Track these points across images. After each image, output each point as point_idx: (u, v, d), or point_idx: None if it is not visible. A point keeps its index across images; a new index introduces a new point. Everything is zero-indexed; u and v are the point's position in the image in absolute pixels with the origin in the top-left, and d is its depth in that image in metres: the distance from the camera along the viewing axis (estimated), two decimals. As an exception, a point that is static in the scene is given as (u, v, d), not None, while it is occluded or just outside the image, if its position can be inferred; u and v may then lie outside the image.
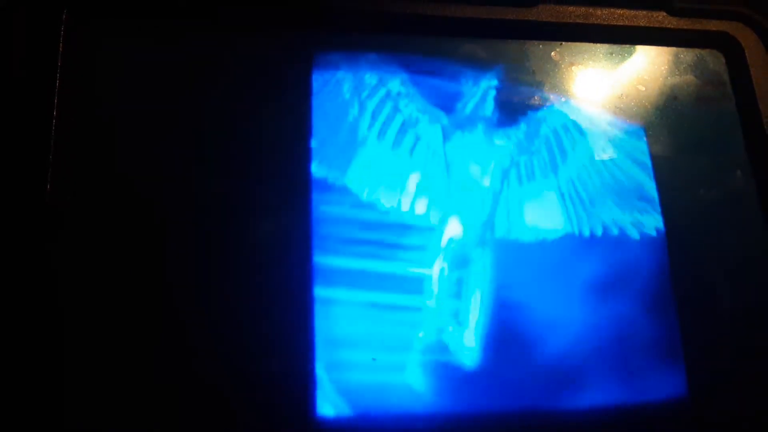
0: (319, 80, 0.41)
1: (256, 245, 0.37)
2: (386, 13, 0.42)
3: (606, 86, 0.45)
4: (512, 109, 0.43)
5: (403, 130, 0.41)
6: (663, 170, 0.43)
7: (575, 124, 0.43)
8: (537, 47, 0.45)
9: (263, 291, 0.37)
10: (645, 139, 0.44)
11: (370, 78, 0.41)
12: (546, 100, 0.43)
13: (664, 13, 0.46)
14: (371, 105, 0.41)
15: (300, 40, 0.42)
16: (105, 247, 0.36)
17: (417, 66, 0.43)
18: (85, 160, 0.37)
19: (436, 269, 0.39)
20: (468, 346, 0.38)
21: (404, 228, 0.39)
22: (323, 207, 0.39)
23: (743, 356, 0.40)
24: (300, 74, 0.41)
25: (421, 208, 0.40)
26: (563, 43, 0.45)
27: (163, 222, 0.37)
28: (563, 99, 0.44)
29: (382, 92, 0.41)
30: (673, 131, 0.45)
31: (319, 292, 0.37)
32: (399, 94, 0.42)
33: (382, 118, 0.41)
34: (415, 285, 0.39)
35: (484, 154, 0.42)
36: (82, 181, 0.37)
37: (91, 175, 0.37)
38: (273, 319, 0.37)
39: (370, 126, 0.41)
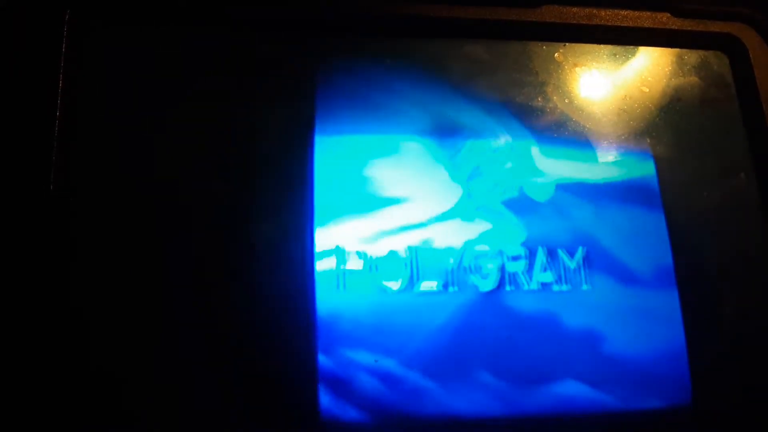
0: (322, 84, 0.41)
1: (259, 246, 0.37)
2: (388, 16, 0.42)
3: (609, 88, 0.45)
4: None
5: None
6: (666, 171, 0.43)
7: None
8: (540, 48, 0.45)
9: (265, 293, 0.37)
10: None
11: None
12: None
13: (668, 15, 0.46)
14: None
15: (304, 43, 0.42)
16: (107, 246, 0.36)
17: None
18: (89, 159, 0.37)
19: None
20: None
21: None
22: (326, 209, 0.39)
23: (748, 361, 0.40)
24: (304, 76, 0.41)
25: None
26: (567, 44, 0.45)
27: (165, 221, 0.37)
28: (566, 100, 0.44)
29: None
30: (677, 133, 0.44)
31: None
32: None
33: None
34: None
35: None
36: (85, 180, 0.37)
37: (95, 174, 0.37)
38: (275, 321, 0.37)
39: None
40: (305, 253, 0.38)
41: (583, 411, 0.38)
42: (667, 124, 0.45)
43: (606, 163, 0.43)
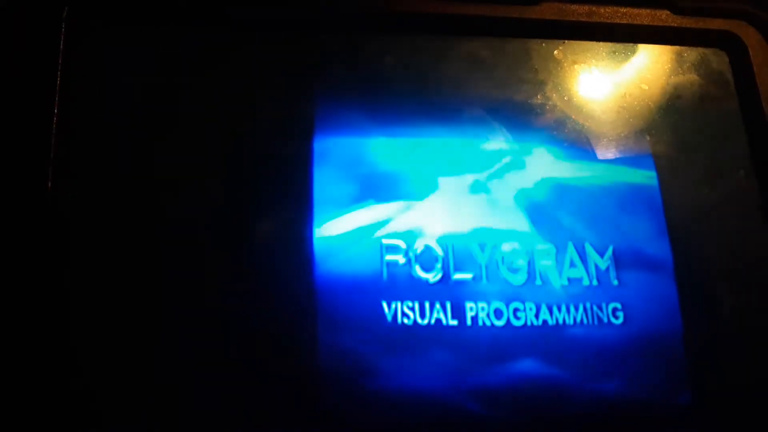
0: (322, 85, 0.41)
1: (259, 246, 0.37)
2: (387, 13, 0.42)
3: (609, 85, 0.45)
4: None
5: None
6: (666, 170, 0.43)
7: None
8: (540, 45, 0.45)
9: (265, 292, 0.37)
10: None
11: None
12: None
13: (668, 12, 0.46)
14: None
15: (304, 42, 0.41)
16: (106, 247, 0.36)
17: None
18: (87, 160, 0.37)
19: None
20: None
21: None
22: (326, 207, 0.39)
23: (747, 360, 0.40)
24: (303, 75, 0.41)
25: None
26: (566, 41, 0.45)
27: (164, 222, 0.37)
28: (566, 98, 0.44)
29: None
30: (676, 131, 0.44)
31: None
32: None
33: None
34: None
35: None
36: (83, 180, 0.37)
37: (93, 175, 0.37)
38: (275, 322, 0.36)
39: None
40: (305, 253, 0.38)
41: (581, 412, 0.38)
42: (666, 122, 0.44)
43: (604, 161, 0.43)
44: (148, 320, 0.35)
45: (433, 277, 0.39)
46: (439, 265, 0.39)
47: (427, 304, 0.38)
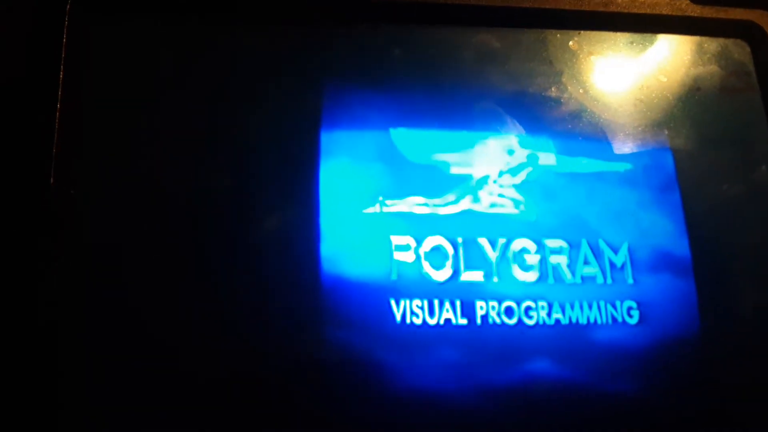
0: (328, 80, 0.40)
1: (266, 243, 0.37)
2: (397, 3, 0.41)
3: (626, 77, 0.44)
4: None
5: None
6: (685, 163, 0.42)
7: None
8: (555, 36, 0.44)
9: (271, 289, 0.36)
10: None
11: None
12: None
13: (687, 1, 0.45)
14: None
15: (310, 32, 0.41)
16: (108, 243, 0.36)
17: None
18: (91, 154, 0.37)
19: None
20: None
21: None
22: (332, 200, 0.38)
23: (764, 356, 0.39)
24: (310, 68, 0.40)
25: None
26: (582, 32, 0.44)
27: (168, 218, 0.36)
28: (581, 90, 0.43)
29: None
30: (696, 123, 0.43)
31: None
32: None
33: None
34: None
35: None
36: (87, 175, 0.36)
37: (97, 169, 0.37)
38: (280, 320, 0.36)
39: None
40: (312, 251, 0.37)
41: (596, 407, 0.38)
42: (685, 115, 0.43)
43: (621, 155, 0.42)
44: (153, 317, 0.35)
45: (442, 275, 0.38)
46: (448, 263, 0.38)
47: (436, 303, 0.37)
